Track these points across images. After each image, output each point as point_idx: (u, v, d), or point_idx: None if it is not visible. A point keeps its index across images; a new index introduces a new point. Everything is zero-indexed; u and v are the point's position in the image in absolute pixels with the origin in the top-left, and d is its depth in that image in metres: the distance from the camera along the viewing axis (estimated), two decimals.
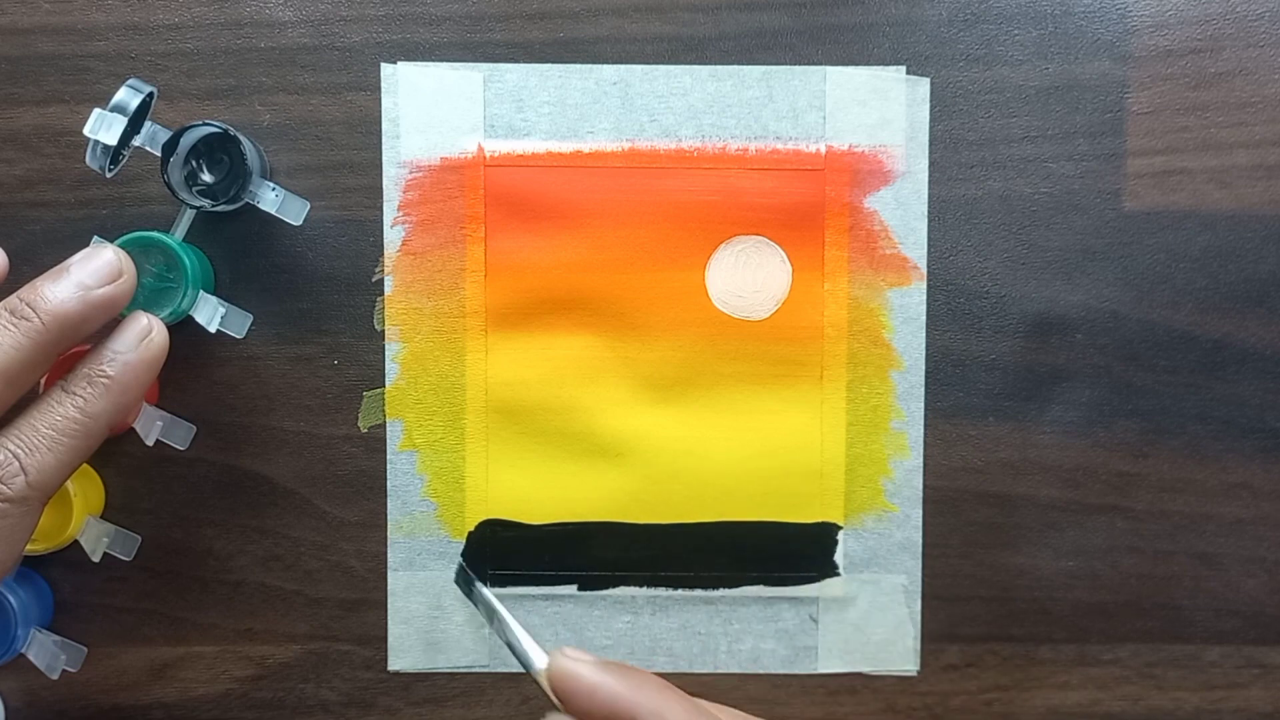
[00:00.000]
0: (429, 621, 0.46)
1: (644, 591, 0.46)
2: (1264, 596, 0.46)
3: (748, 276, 0.45)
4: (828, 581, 0.46)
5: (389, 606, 0.46)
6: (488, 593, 0.42)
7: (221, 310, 0.42)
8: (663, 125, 0.45)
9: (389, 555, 0.46)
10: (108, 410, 0.37)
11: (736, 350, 0.45)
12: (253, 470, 0.46)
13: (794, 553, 0.46)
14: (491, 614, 0.41)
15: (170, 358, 0.39)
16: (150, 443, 0.43)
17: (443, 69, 0.45)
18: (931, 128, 0.45)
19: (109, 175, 0.41)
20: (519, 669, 0.46)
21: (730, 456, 0.45)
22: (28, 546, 0.38)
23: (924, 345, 0.45)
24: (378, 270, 0.45)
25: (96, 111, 0.40)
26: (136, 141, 0.41)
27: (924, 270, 0.45)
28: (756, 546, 0.46)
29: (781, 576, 0.46)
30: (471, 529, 0.46)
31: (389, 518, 0.46)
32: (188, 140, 0.42)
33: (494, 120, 0.45)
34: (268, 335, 0.45)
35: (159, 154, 0.42)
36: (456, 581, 0.45)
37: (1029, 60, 0.45)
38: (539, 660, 0.38)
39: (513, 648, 0.39)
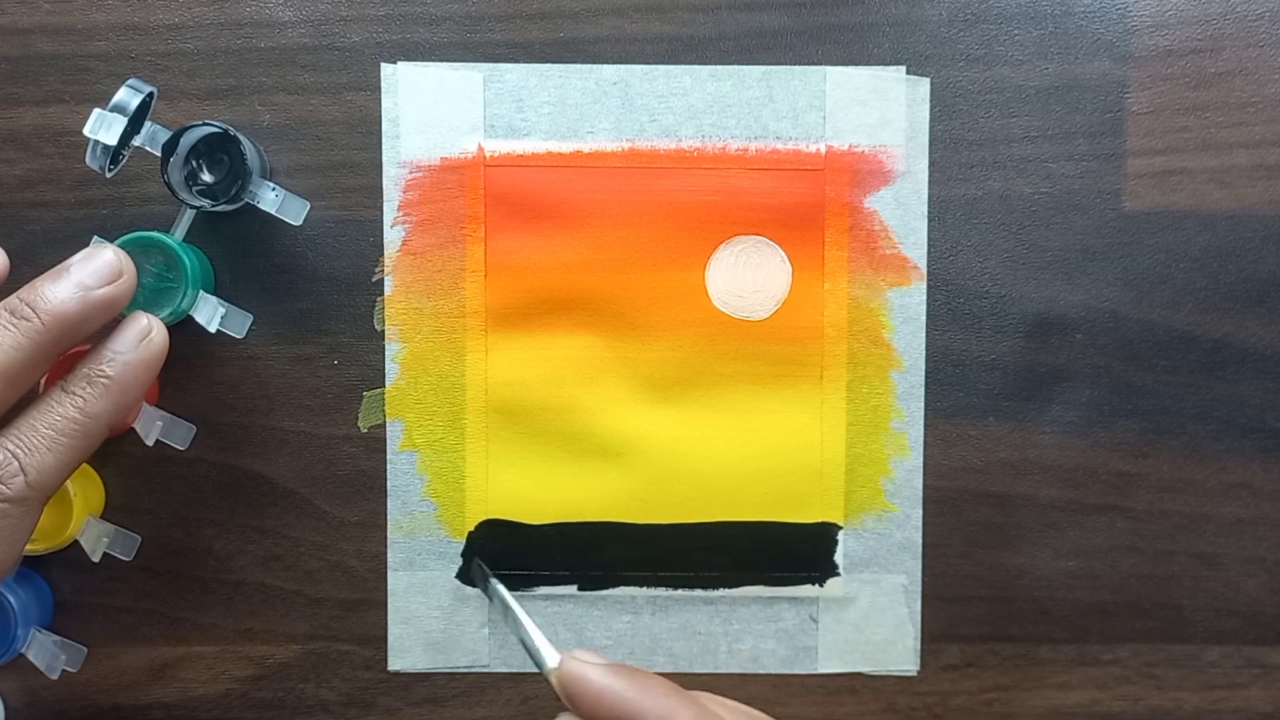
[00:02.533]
0: (429, 621, 0.46)
1: (644, 591, 0.46)
2: (1264, 596, 0.46)
3: (748, 276, 0.45)
4: (828, 581, 0.46)
5: (389, 606, 0.46)
6: (502, 589, 0.42)
7: (221, 310, 0.42)
8: (663, 125, 0.45)
9: (389, 555, 0.46)
10: (107, 410, 0.37)
11: (736, 350, 0.45)
12: (253, 470, 0.46)
13: (794, 553, 0.46)
14: (505, 610, 0.41)
15: (170, 358, 0.39)
16: (150, 443, 0.43)
17: (443, 69, 0.45)
18: (931, 128, 0.45)
19: (109, 175, 0.41)
20: (519, 669, 0.46)
21: (730, 456, 0.45)
22: (28, 546, 0.38)
23: (924, 345, 0.45)
24: (378, 270, 0.45)
25: (96, 111, 0.40)
26: (136, 141, 0.41)
27: (924, 270, 0.45)
28: (756, 546, 0.46)
29: (781, 576, 0.46)
30: (471, 529, 0.46)
31: (389, 518, 0.46)
32: (188, 140, 0.42)
33: (494, 120, 0.45)
34: (268, 335, 0.45)
35: (159, 154, 0.42)
36: (469, 576, 0.45)
37: (1029, 60, 0.45)
38: (550, 659, 0.38)
39: (525, 645, 0.39)
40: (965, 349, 0.46)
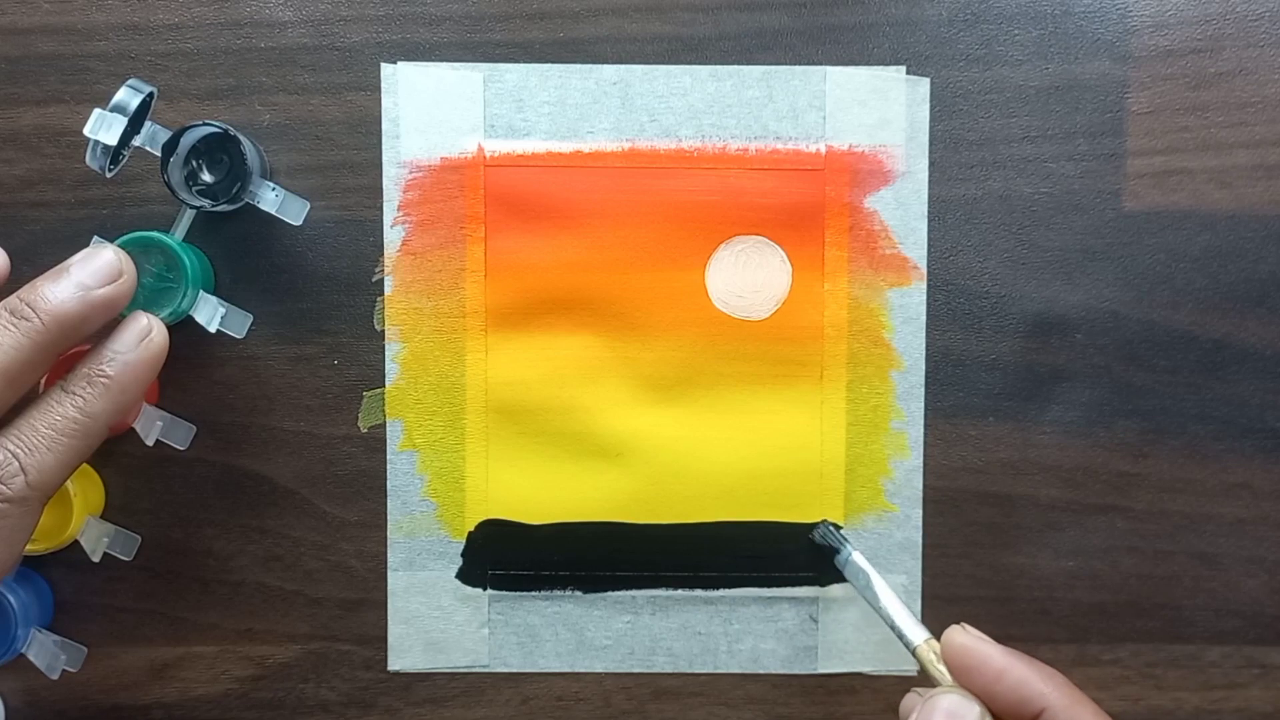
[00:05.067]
0: (429, 621, 0.46)
1: (644, 592, 0.46)
2: (1264, 596, 0.46)
3: (748, 276, 0.45)
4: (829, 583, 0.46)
5: (389, 606, 0.46)
6: (861, 559, 0.43)
7: (221, 310, 0.42)
8: (663, 125, 0.45)
9: (389, 555, 0.46)
10: (107, 410, 0.37)
11: (736, 350, 0.45)
12: (253, 470, 0.46)
13: (794, 553, 0.46)
14: (866, 581, 0.43)
15: (170, 358, 0.39)
16: (150, 443, 0.43)
17: (443, 69, 0.45)
18: (931, 128, 0.45)
19: (109, 175, 0.41)
20: (519, 669, 0.46)
21: (730, 456, 0.45)
22: (28, 546, 0.38)
23: (924, 345, 0.45)
24: (378, 270, 0.45)
25: (96, 111, 0.40)
26: (136, 141, 0.41)
27: (924, 270, 0.45)
28: (757, 547, 0.46)
29: (782, 576, 0.46)
30: (471, 529, 0.46)
31: (389, 518, 0.46)
32: (188, 140, 0.42)
33: (494, 120, 0.45)
34: (268, 335, 0.45)
35: (159, 154, 0.42)
36: (820, 539, 0.45)
37: (1029, 60, 0.45)
38: (916, 636, 0.40)
39: (886, 619, 0.41)
40: (965, 349, 0.46)
